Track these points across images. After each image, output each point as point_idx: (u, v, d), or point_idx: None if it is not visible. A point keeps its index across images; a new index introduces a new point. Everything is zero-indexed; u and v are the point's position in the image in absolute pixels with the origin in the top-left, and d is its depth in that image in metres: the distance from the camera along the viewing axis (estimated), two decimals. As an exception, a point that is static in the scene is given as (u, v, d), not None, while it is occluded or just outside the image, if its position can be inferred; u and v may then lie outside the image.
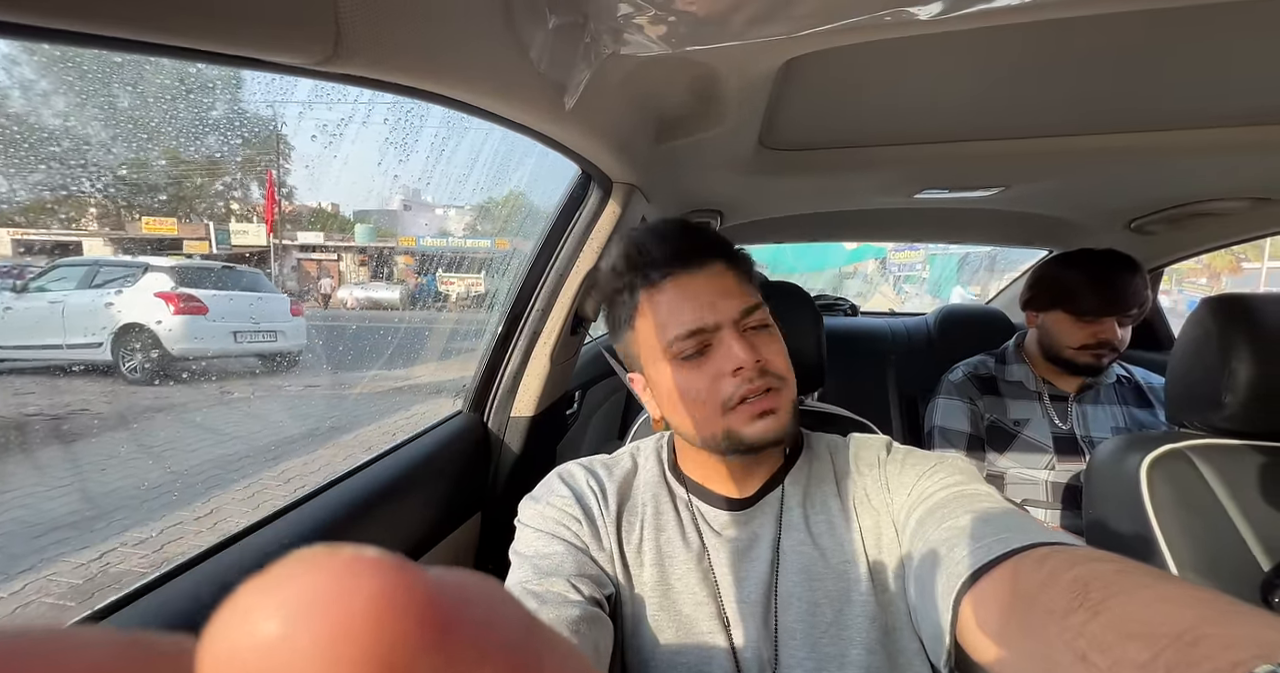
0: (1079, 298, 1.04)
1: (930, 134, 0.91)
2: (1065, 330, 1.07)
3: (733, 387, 0.48)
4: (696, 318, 0.49)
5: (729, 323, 0.49)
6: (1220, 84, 0.72)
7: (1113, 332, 1.03)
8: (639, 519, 0.54)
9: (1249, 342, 0.69)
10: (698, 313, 0.50)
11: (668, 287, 0.51)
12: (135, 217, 6.88)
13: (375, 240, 12.82)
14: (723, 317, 0.49)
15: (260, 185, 8.18)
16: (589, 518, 0.53)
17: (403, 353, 4.90)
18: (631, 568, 0.52)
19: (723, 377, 0.49)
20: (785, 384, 0.50)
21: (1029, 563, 0.33)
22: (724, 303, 0.50)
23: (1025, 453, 1.11)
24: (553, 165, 0.85)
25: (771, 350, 0.51)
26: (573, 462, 0.60)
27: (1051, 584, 0.30)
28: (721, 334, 0.49)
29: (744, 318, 0.50)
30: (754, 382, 0.48)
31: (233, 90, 4.96)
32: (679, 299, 0.51)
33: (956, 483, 0.46)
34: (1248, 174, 1.02)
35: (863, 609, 0.47)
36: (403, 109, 0.73)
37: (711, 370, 0.49)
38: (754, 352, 0.48)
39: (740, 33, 0.49)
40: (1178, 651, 0.22)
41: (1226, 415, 0.71)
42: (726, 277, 0.52)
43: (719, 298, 0.50)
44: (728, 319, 0.49)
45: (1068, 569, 0.30)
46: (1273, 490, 0.69)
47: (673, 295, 0.51)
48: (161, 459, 2.74)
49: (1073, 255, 1.10)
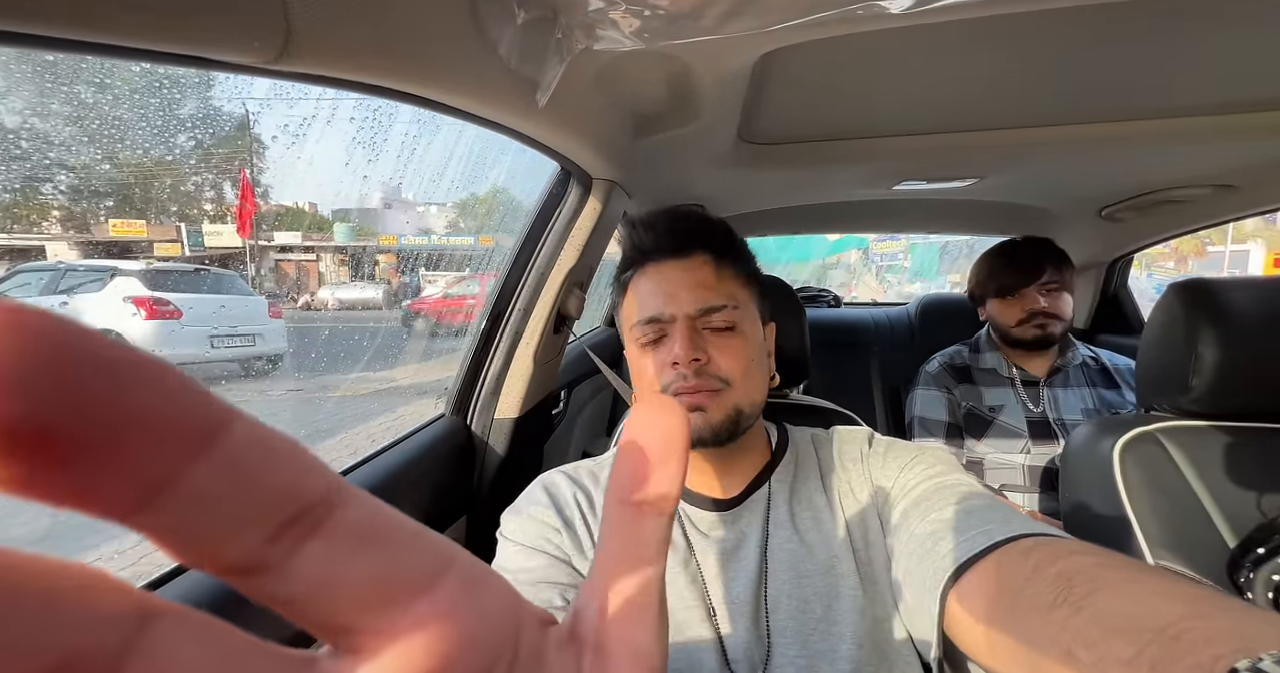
0: (997, 280, 1.17)
1: (907, 127, 0.92)
2: (1001, 313, 1.17)
3: (669, 377, 0.50)
4: (655, 307, 0.52)
5: (683, 317, 0.51)
6: (1184, 76, 0.73)
7: (1035, 301, 1.12)
8: None
9: (1214, 326, 0.71)
10: (658, 303, 0.52)
11: (649, 272, 0.54)
12: (102, 219, 6.64)
13: (355, 240, 12.58)
14: (679, 310, 0.51)
15: (233, 185, 7.96)
16: (569, 528, 0.52)
17: (386, 354, 4.83)
18: None
19: (665, 366, 0.51)
20: (730, 387, 0.50)
21: (1013, 556, 0.34)
22: (686, 297, 0.51)
23: (1001, 438, 1.14)
24: (535, 159, 0.84)
25: (724, 353, 0.51)
26: (557, 469, 0.59)
27: (1036, 578, 0.31)
28: (675, 327, 0.51)
29: (702, 316, 0.51)
30: (688, 379, 0.49)
31: (203, 87, 4.81)
32: (650, 286, 0.54)
33: (938, 473, 0.47)
34: (1210, 162, 1.05)
35: (851, 604, 0.47)
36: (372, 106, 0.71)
37: (659, 359, 0.52)
38: (694, 350, 0.49)
39: (714, 27, 0.48)
40: (1161, 645, 0.23)
41: (1193, 398, 0.73)
42: (704, 270, 0.53)
43: (684, 291, 0.52)
44: (682, 314, 0.51)
45: (1051, 563, 0.31)
46: (1237, 469, 0.72)
47: (648, 281, 0.54)
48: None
49: (991, 250, 1.23)
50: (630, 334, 0.55)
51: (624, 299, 0.57)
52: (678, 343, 0.50)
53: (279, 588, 0.09)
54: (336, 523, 0.09)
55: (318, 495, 0.09)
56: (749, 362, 0.52)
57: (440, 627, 0.10)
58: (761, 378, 0.54)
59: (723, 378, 0.50)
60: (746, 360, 0.52)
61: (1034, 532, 0.36)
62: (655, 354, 0.52)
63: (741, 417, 0.51)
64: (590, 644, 0.12)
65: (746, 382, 0.51)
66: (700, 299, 0.51)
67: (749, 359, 0.52)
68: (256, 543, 0.08)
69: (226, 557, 0.08)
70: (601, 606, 0.12)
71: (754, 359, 0.53)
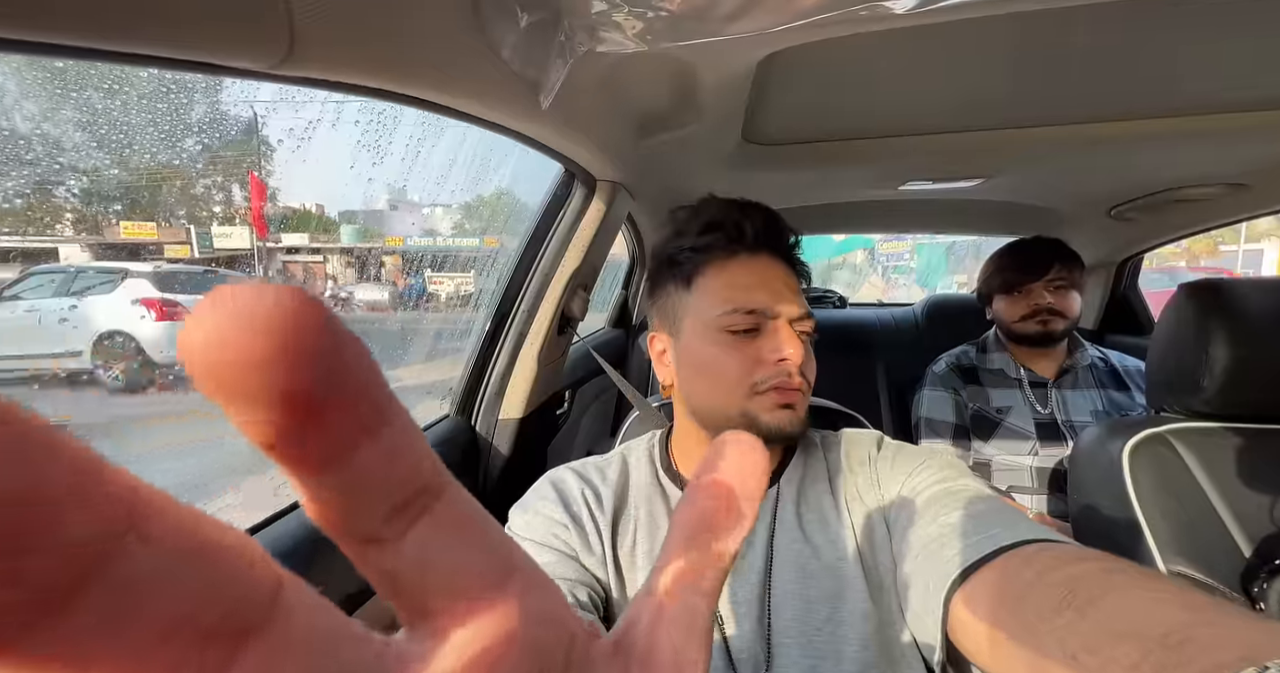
0: (1002, 276, 1.17)
1: (912, 126, 0.91)
2: (1006, 309, 1.17)
3: (769, 373, 0.50)
4: (759, 300, 0.51)
5: (787, 316, 0.52)
6: (1194, 74, 0.72)
7: (1041, 296, 1.11)
8: (633, 523, 0.54)
9: (1225, 326, 0.70)
10: (765, 295, 0.51)
11: (743, 260, 0.53)
12: (113, 221, 6.72)
13: (361, 241, 12.65)
14: (785, 309, 0.52)
15: (242, 187, 8.02)
16: (578, 524, 0.52)
17: (394, 353, 4.85)
18: (625, 572, 0.52)
19: (763, 362, 0.50)
20: (808, 393, 0.52)
21: (1017, 561, 0.34)
22: (792, 297, 0.52)
23: (1009, 440, 1.13)
24: (541, 160, 0.84)
25: (809, 359, 0.52)
26: (564, 466, 0.59)
27: (1040, 584, 0.30)
28: (777, 323, 0.51)
29: (801, 320, 0.52)
30: (792, 377, 0.50)
31: (211, 90, 4.85)
32: (750, 275, 0.52)
33: (945, 478, 0.47)
34: (1222, 161, 1.03)
35: (857, 606, 0.47)
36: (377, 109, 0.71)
37: (754, 352, 0.51)
38: (802, 353, 0.51)
39: (717, 28, 0.48)
40: (1165, 652, 0.23)
41: (1205, 399, 0.72)
42: (792, 278, 0.55)
43: (789, 291, 0.52)
44: (788, 313, 0.52)
45: (1055, 569, 0.31)
46: (1249, 472, 0.70)
47: (746, 270, 0.53)
48: (141, 469, 2.69)
49: (995, 252, 1.23)
50: (711, 322, 0.52)
51: (695, 280, 0.54)
52: (788, 340, 0.50)
53: (385, 562, 0.09)
54: (440, 510, 0.10)
55: (431, 482, 0.10)
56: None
57: (507, 622, 0.10)
58: None
59: (810, 381, 0.52)
60: (815, 369, 0.54)
61: (1039, 537, 0.36)
62: (747, 347, 0.51)
63: (807, 421, 0.53)
64: (638, 658, 0.12)
65: (810, 392, 0.53)
66: (800, 303, 0.53)
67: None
68: (381, 518, 0.09)
69: (356, 526, 0.09)
70: (654, 620, 0.13)
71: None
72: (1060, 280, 1.12)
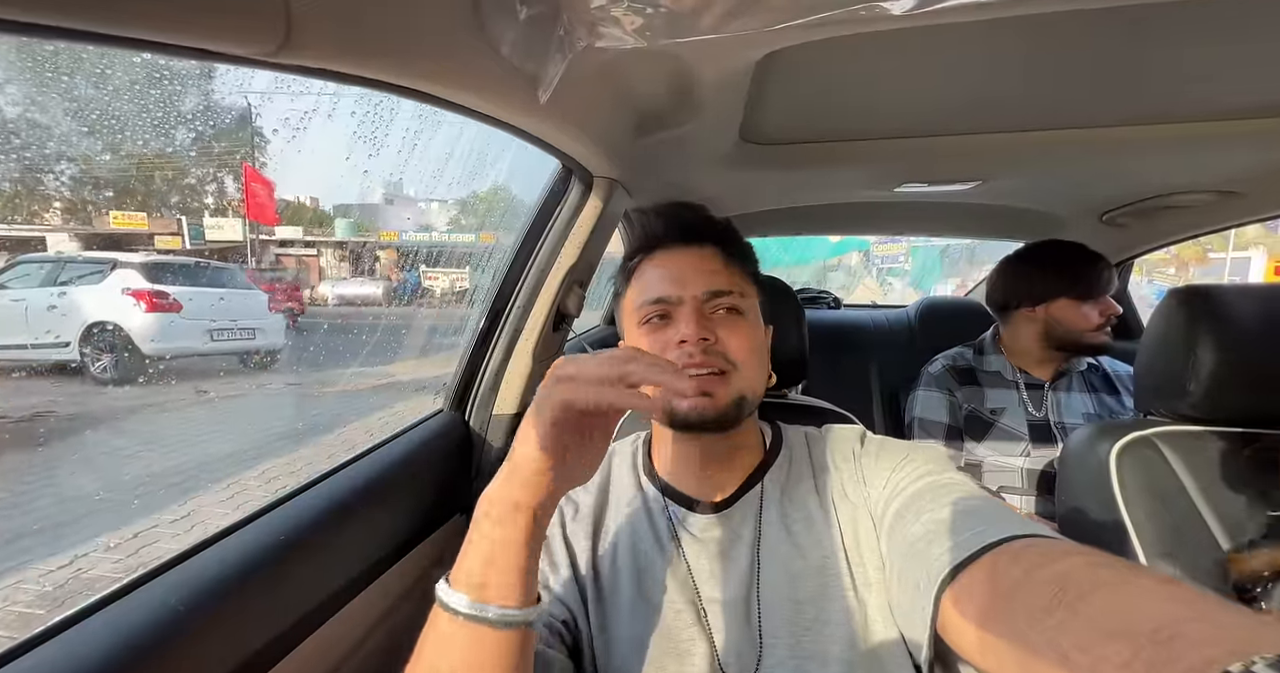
0: (1083, 282, 1.10)
1: (909, 129, 0.92)
2: (1077, 315, 1.10)
3: (673, 357, 0.50)
4: (664, 288, 0.53)
5: (691, 299, 0.51)
6: (1188, 81, 0.73)
7: (1113, 307, 1.11)
8: (614, 534, 0.54)
9: (1212, 332, 0.71)
10: (667, 284, 0.53)
11: (656, 257, 0.55)
12: (103, 211, 6.63)
13: (356, 235, 12.56)
14: (687, 292, 0.52)
15: (235, 178, 7.94)
16: (546, 546, 0.53)
17: (388, 349, 4.83)
18: (606, 584, 0.52)
19: (669, 346, 0.50)
20: (736, 371, 0.50)
21: (1006, 558, 0.34)
22: (695, 279, 0.52)
23: (1001, 441, 1.14)
24: (538, 156, 0.84)
25: (731, 335, 0.51)
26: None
27: (1029, 581, 0.31)
28: (682, 308, 0.51)
29: (711, 299, 0.52)
30: (694, 356, 0.49)
31: (204, 79, 4.78)
32: (657, 269, 0.55)
33: (930, 472, 0.47)
34: (1214, 168, 1.04)
35: (843, 605, 0.47)
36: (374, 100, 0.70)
37: (663, 339, 0.51)
38: (702, 329, 0.49)
39: (716, 26, 0.48)
40: (1156, 648, 0.23)
41: (1191, 403, 0.73)
42: (715, 260, 0.54)
43: (693, 274, 0.52)
44: (690, 295, 0.52)
45: (1043, 566, 0.31)
46: (1232, 475, 0.72)
47: (655, 265, 0.55)
48: (133, 461, 2.66)
49: (1044, 247, 1.17)
50: (631, 317, 0.55)
51: (628, 286, 0.57)
52: (684, 322, 0.50)
53: None
54: None
55: None
56: (755, 347, 0.52)
57: None
58: (765, 369, 0.54)
59: (730, 359, 0.50)
60: (753, 345, 0.52)
61: (1026, 532, 0.36)
62: (658, 335, 0.52)
63: (745, 404, 0.50)
64: None
65: (751, 367, 0.51)
66: (709, 282, 0.52)
67: (755, 344, 0.52)
68: None
69: None
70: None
71: (759, 346, 0.53)
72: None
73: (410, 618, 0.76)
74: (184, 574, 0.48)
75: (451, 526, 0.87)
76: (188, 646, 0.44)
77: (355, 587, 0.64)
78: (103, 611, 0.43)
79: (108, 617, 0.43)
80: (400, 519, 0.75)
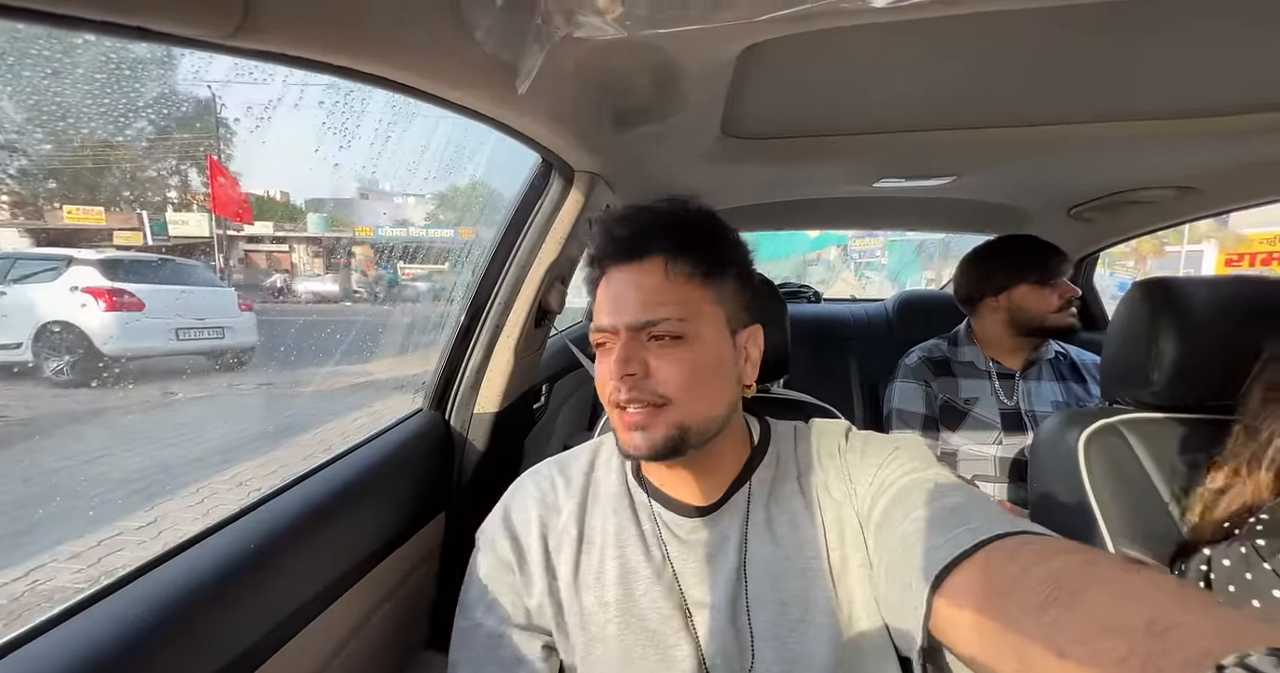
0: (1039, 268, 1.16)
1: (886, 124, 0.93)
2: (1038, 299, 1.16)
3: (611, 388, 0.48)
4: (601, 316, 0.50)
5: (624, 328, 0.48)
6: (1149, 80, 0.76)
7: (1071, 288, 1.16)
8: (599, 540, 0.53)
9: (1173, 322, 0.74)
10: (604, 311, 0.50)
11: (608, 276, 0.52)
12: (55, 205, 6.29)
13: (330, 230, 12.22)
14: (620, 321, 0.48)
15: (200, 171, 7.62)
16: (522, 562, 0.54)
17: (365, 347, 4.72)
18: (589, 593, 0.51)
19: (610, 377, 0.48)
20: (670, 404, 0.47)
21: (1000, 556, 0.34)
22: (631, 307, 0.48)
23: (975, 430, 1.17)
24: (517, 150, 0.82)
25: (664, 364, 0.47)
26: (530, 474, 0.58)
27: (1024, 579, 0.31)
28: (617, 338, 0.49)
29: (642, 328, 0.48)
30: (622, 392, 0.47)
31: (166, 66, 4.55)
32: (605, 293, 0.51)
33: (915, 469, 0.47)
34: (1173, 165, 1.09)
35: (828, 605, 0.47)
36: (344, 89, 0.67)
37: (606, 368, 0.49)
38: (628, 365, 0.47)
39: (698, 17, 0.48)
40: (1151, 640, 0.23)
41: (1154, 391, 0.76)
42: (654, 275, 0.49)
43: (629, 300, 0.49)
44: (623, 324, 0.48)
45: (1038, 564, 0.31)
46: (1190, 459, 0.75)
47: (603, 288, 0.52)
48: (90, 467, 2.55)
49: (1002, 241, 1.23)
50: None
51: (593, 307, 0.55)
52: (614, 356, 0.48)
53: None
54: None
55: None
56: (694, 374, 0.47)
57: None
58: (715, 390, 0.50)
59: (660, 394, 0.47)
60: (690, 373, 0.47)
61: (1017, 529, 0.36)
62: (604, 362, 0.50)
63: (687, 434, 0.47)
64: None
65: (690, 396, 0.47)
66: (642, 309, 0.48)
67: (694, 371, 0.48)
68: None
69: None
70: None
71: (704, 371, 0.48)
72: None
73: (393, 619, 0.75)
74: (147, 586, 0.45)
75: (433, 526, 0.85)
76: (150, 663, 0.42)
77: (335, 591, 0.62)
78: (56, 628, 0.40)
79: (62, 635, 0.40)
80: (380, 521, 0.73)
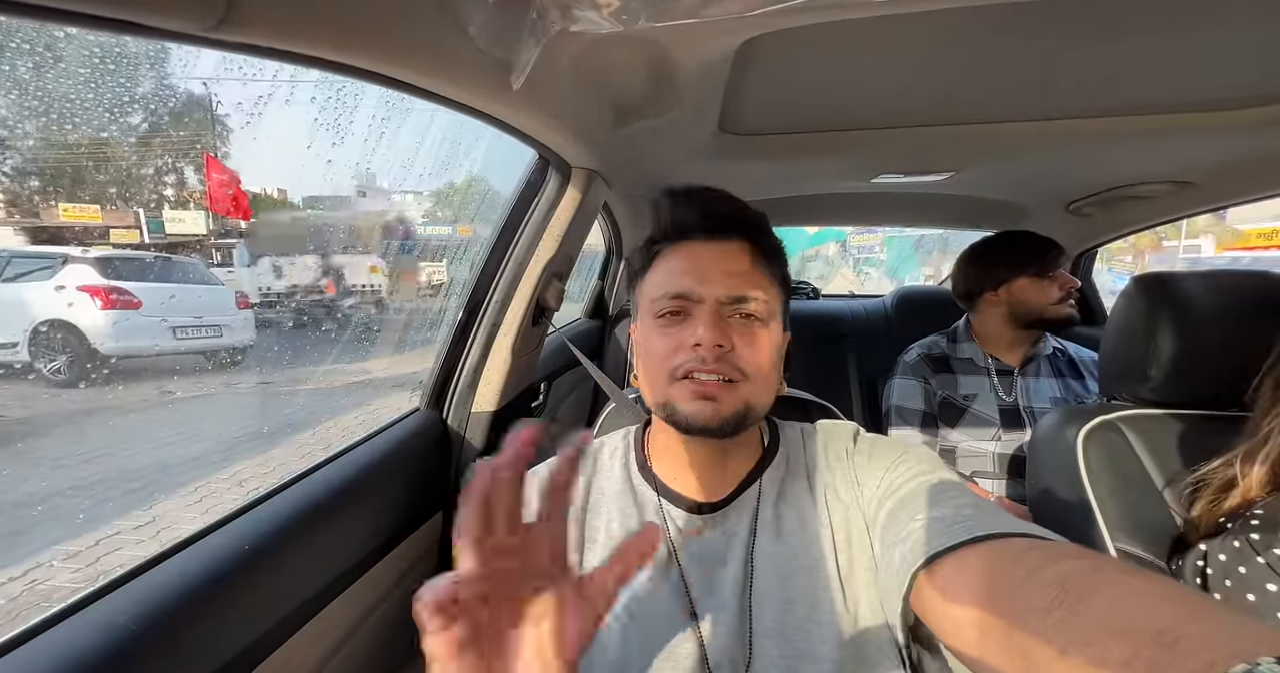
0: (1037, 260, 1.17)
1: (885, 120, 0.92)
2: (1038, 292, 1.16)
3: (685, 357, 0.48)
4: (685, 284, 0.50)
5: (712, 300, 0.49)
6: (1148, 75, 0.75)
7: (1071, 280, 1.17)
8: (602, 539, 0.53)
9: (1171, 318, 0.74)
10: (688, 281, 0.50)
11: (681, 249, 0.52)
12: (51, 203, 6.26)
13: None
14: (708, 293, 0.49)
15: (196, 170, 7.58)
16: None
17: (363, 345, 4.71)
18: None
19: (683, 347, 0.49)
20: (748, 381, 0.48)
21: (1006, 558, 0.34)
22: (720, 280, 0.49)
23: (974, 426, 1.17)
24: (513, 147, 0.81)
25: (748, 344, 0.49)
26: (529, 476, 0.57)
27: (1030, 581, 0.31)
28: (702, 308, 0.49)
29: (732, 303, 0.49)
30: (707, 362, 0.47)
31: (162, 64, 4.51)
32: (681, 263, 0.52)
33: (923, 472, 0.47)
34: (1172, 160, 1.08)
35: (833, 605, 0.47)
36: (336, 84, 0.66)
37: (676, 338, 0.50)
38: (720, 335, 0.48)
39: (695, 10, 0.47)
40: (1159, 650, 0.23)
41: (1152, 387, 0.76)
42: (742, 259, 0.51)
43: (718, 274, 0.50)
44: (711, 296, 0.49)
45: (1045, 567, 0.31)
46: (1188, 456, 0.75)
47: (679, 258, 0.52)
48: (87, 466, 2.54)
49: (998, 238, 1.24)
50: (647, 306, 0.53)
51: (647, 273, 0.54)
52: (702, 325, 0.48)
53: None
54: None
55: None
56: (770, 358, 0.50)
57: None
58: (776, 378, 0.52)
59: (742, 369, 0.48)
60: (769, 356, 0.50)
61: (1020, 532, 0.36)
62: (673, 332, 0.50)
63: (750, 414, 0.49)
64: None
65: (762, 378, 0.49)
66: (734, 285, 0.49)
67: (771, 355, 0.50)
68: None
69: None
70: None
71: (774, 356, 0.51)
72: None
73: (392, 618, 0.75)
74: (137, 590, 0.45)
75: (430, 526, 0.85)
76: (139, 668, 0.41)
77: (331, 592, 0.62)
78: (39, 636, 0.40)
79: (46, 642, 0.39)
80: (377, 521, 0.73)
